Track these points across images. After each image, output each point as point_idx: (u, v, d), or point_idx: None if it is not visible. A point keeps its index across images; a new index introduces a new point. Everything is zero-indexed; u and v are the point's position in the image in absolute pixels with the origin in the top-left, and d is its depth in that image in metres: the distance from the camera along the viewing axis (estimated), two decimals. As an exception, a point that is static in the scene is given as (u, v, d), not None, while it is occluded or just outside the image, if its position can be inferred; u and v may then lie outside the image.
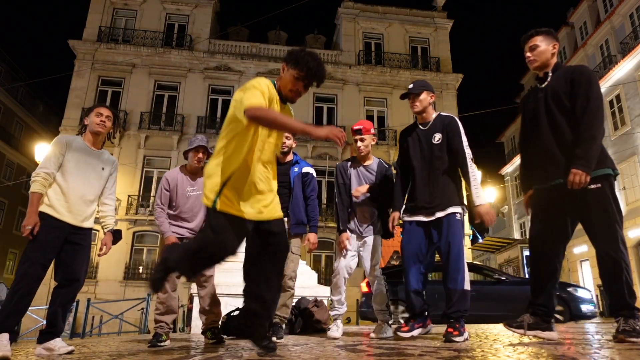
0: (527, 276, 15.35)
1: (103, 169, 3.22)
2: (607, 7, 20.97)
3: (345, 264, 3.82)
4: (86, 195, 3.09)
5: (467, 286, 3.04)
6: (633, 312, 2.43)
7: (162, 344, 3.50)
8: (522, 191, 2.95)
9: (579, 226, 2.73)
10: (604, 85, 19.00)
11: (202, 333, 3.81)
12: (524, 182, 2.93)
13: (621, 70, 18.45)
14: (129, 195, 18.72)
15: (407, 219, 3.35)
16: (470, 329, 4.76)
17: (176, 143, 19.51)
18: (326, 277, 17.74)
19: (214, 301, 3.74)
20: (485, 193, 22.17)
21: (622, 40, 19.49)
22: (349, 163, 4.01)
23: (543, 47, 2.78)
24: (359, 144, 3.88)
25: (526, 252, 16.48)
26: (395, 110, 21.36)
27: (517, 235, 27.01)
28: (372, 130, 3.94)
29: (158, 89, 20.71)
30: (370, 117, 21.65)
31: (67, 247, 2.98)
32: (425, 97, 3.34)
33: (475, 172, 3.13)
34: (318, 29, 30.26)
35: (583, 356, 1.72)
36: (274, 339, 3.61)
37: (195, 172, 3.90)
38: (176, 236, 3.76)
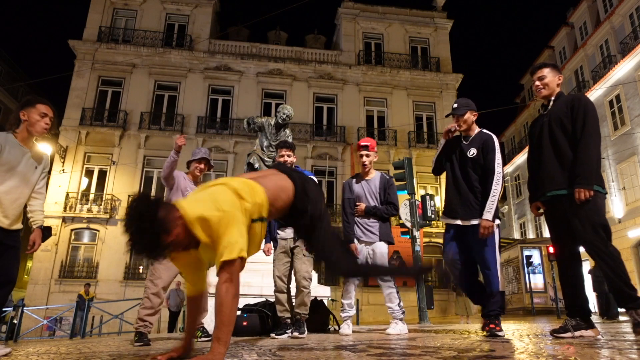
0: (527, 276, 15.39)
1: (36, 167, 3.04)
2: (606, 7, 20.98)
3: None
4: (20, 198, 2.94)
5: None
6: (637, 302, 2.63)
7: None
8: (529, 202, 3.32)
9: None
10: (604, 85, 19.02)
11: (196, 332, 3.83)
12: (531, 196, 3.25)
13: (621, 70, 18.46)
14: (129, 196, 18.67)
15: (444, 221, 3.52)
16: (470, 328, 4.76)
17: (176, 143, 19.52)
18: (327, 277, 17.72)
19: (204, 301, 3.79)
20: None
21: (621, 41, 19.50)
22: (354, 180, 4.43)
23: (550, 78, 3.10)
24: (364, 159, 4.32)
25: (526, 252, 16.50)
26: (395, 111, 21.39)
27: (517, 235, 26.98)
28: (376, 148, 4.42)
29: (158, 89, 20.73)
30: (370, 117, 21.68)
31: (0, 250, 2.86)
32: (469, 116, 3.47)
33: (497, 190, 3.26)
34: (318, 29, 30.25)
35: (583, 356, 1.72)
36: (296, 333, 3.74)
37: (196, 181, 4.14)
38: None
